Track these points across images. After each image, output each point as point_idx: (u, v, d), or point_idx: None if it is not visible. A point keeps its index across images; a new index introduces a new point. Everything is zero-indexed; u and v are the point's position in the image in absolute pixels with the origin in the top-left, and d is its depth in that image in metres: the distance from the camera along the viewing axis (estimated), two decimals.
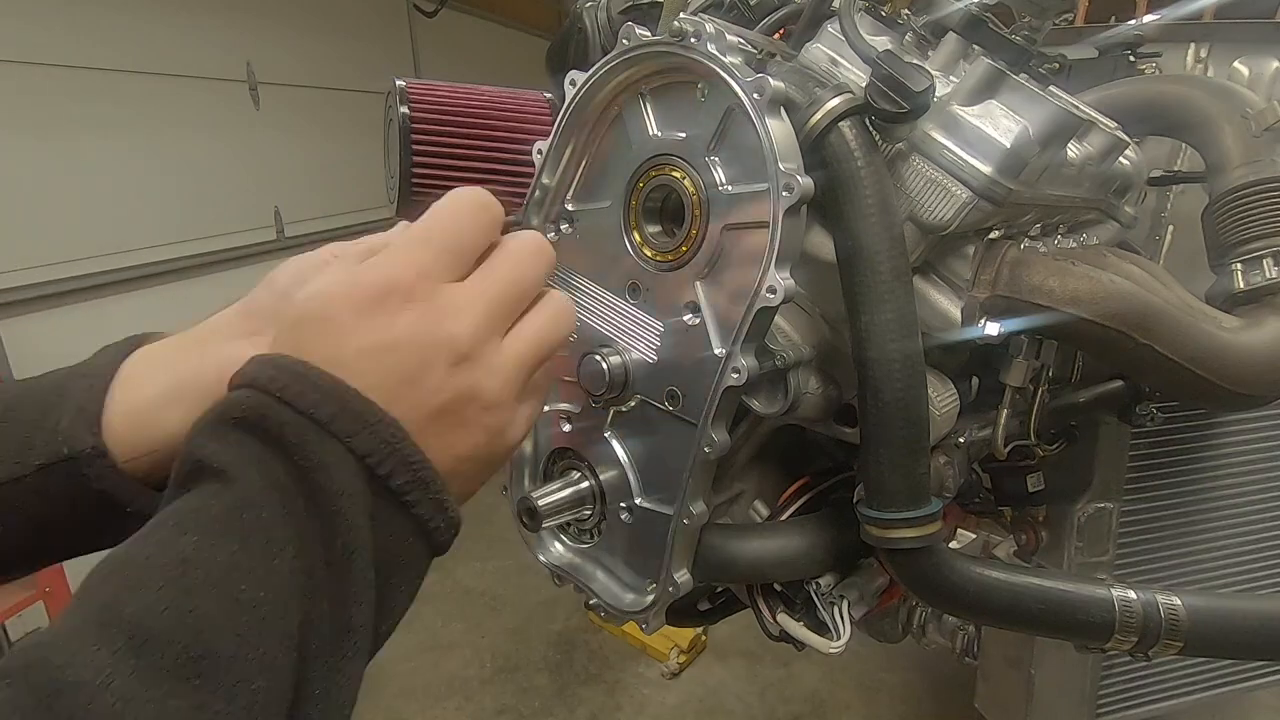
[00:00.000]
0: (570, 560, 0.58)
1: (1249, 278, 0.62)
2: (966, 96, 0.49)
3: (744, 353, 0.45)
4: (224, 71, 2.77)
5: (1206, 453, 1.01)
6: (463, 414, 0.34)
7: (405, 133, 0.60)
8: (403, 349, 0.33)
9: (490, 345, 0.35)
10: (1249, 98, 0.68)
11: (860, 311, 0.46)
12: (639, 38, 0.48)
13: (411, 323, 0.33)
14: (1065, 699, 1.10)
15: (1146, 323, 0.53)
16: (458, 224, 0.36)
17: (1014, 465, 0.75)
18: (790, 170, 0.42)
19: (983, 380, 0.61)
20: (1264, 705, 1.85)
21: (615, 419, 0.53)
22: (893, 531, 0.48)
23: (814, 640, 0.56)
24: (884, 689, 2.08)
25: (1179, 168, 0.92)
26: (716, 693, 2.10)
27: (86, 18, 2.24)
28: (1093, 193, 0.64)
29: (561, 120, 0.52)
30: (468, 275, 0.36)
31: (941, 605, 0.54)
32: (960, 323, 0.53)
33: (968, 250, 0.54)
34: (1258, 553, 1.07)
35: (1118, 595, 0.53)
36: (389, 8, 3.73)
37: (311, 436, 0.30)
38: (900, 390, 0.45)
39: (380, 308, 0.33)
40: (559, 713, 2.05)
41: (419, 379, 0.33)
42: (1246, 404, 0.57)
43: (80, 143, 2.26)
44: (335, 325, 0.33)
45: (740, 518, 0.63)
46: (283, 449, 0.30)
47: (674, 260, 0.49)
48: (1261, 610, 0.55)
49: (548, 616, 2.38)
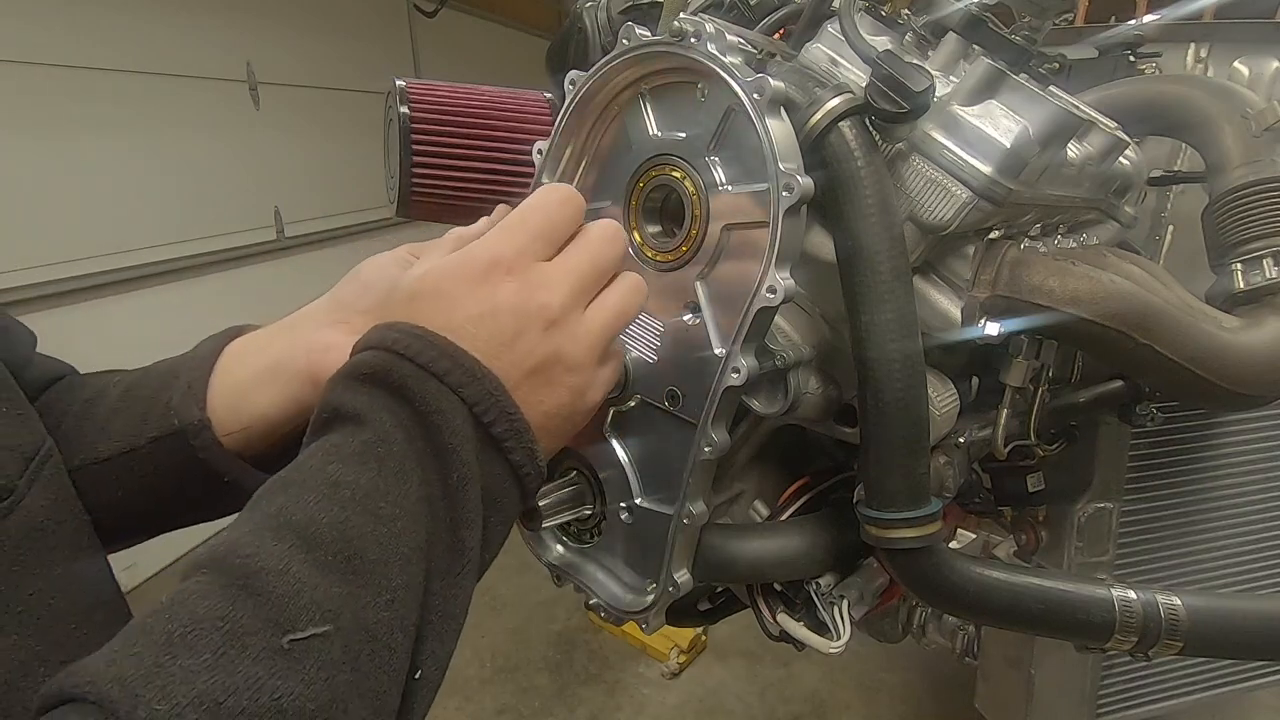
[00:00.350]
0: (570, 560, 0.58)
1: (1249, 278, 0.62)
2: (966, 96, 0.49)
3: (744, 353, 0.45)
4: (224, 71, 2.77)
5: (1206, 453, 1.01)
6: (551, 373, 0.39)
7: (405, 133, 0.60)
8: (503, 315, 0.38)
9: (575, 314, 0.40)
10: (1249, 98, 0.68)
11: (860, 311, 0.46)
12: (639, 38, 0.48)
13: (512, 293, 0.38)
14: (1065, 699, 1.10)
15: (1146, 323, 0.53)
16: (548, 212, 0.41)
17: (1014, 465, 0.75)
18: (790, 170, 0.42)
19: (983, 380, 0.61)
20: (1264, 705, 1.85)
21: (615, 419, 0.53)
22: (893, 531, 0.48)
23: (814, 640, 0.56)
24: (884, 689, 2.08)
25: (1179, 168, 0.92)
26: (716, 693, 2.10)
27: (86, 18, 2.24)
28: (1093, 193, 0.64)
29: (561, 120, 0.52)
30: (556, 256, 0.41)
31: (941, 605, 0.54)
32: (960, 323, 0.53)
33: (968, 250, 0.54)
34: (1258, 553, 1.07)
35: (1118, 595, 0.53)
36: (389, 8, 3.73)
37: (431, 387, 0.35)
38: (900, 390, 0.45)
39: (486, 280, 0.38)
40: (559, 713, 2.05)
41: (516, 342, 0.38)
42: (1246, 404, 0.57)
43: (80, 143, 2.26)
44: (448, 297, 0.38)
45: (740, 518, 0.63)
46: (406, 397, 0.35)
47: (674, 260, 0.49)
48: (1261, 610, 0.55)
49: (548, 616, 2.38)
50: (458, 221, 0.61)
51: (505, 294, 0.38)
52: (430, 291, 0.39)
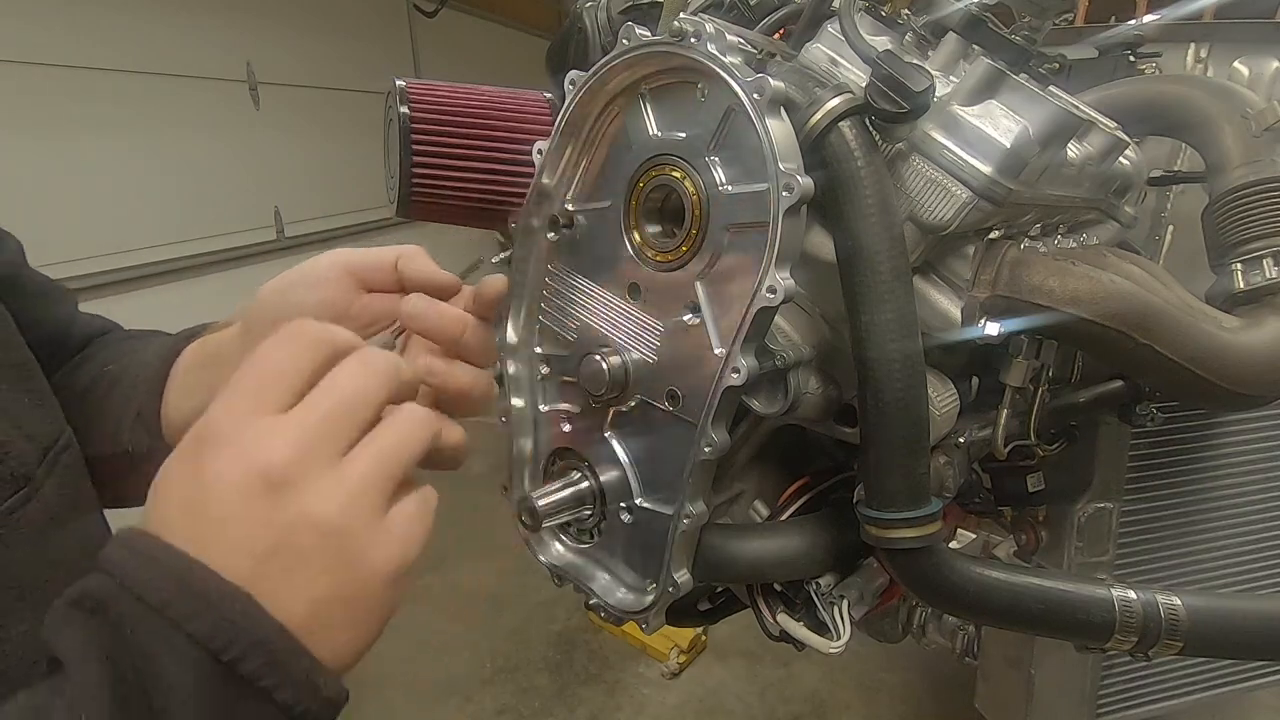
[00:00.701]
0: (570, 560, 0.58)
1: (1249, 278, 0.62)
2: (966, 96, 0.49)
3: (744, 353, 0.45)
4: (224, 71, 2.77)
5: (1206, 453, 1.01)
6: (298, 546, 0.31)
7: (405, 133, 0.60)
8: (213, 493, 0.30)
9: (317, 467, 0.32)
10: (1249, 98, 0.68)
11: (860, 311, 0.46)
12: (639, 38, 0.48)
13: (221, 466, 0.31)
14: (1065, 699, 1.10)
15: (1146, 323, 0.53)
16: (272, 357, 0.34)
17: (1014, 465, 0.75)
18: (790, 170, 0.42)
19: (983, 380, 0.61)
20: (1264, 705, 1.85)
21: (615, 419, 0.53)
22: (892, 531, 0.48)
23: (814, 640, 0.56)
24: (884, 689, 2.08)
25: (1179, 168, 0.92)
26: (716, 693, 2.10)
27: (86, 18, 2.24)
28: (1093, 193, 0.64)
29: (561, 120, 0.52)
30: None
31: (941, 605, 0.54)
32: (960, 323, 0.53)
33: (968, 250, 0.54)
34: (1258, 553, 1.07)
35: (1118, 595, 0.53)
36: (389, 8, 3.73)
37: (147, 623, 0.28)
38: (900, 390, 0.45)
39: (193, 459, 0.32)
40: (559, 713, 2.05)
41: (239, 519, 0.30)
42: (1246, 404, 0.57)
43: (80, 143, 2.26)
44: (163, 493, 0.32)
45: (740, 518, 0.63)
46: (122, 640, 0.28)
47: (674, 260, 0.49)
48: (1261, 610, 0.55)
49: (548, 616, 2.38)
50: (457, 222, 0.61)
51: (213, 469, 0.31)
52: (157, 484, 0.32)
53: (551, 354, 0.57)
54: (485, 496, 3.01)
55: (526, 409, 0.59)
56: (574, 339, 0.55)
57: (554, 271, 0.56)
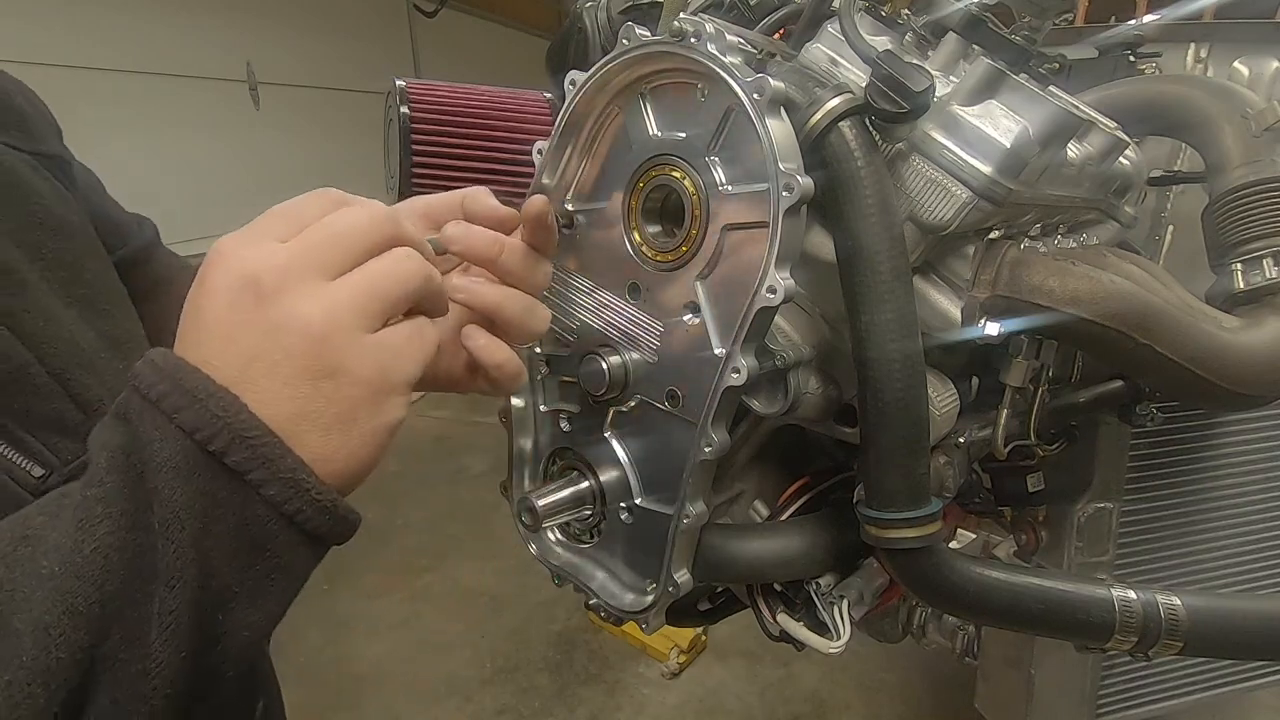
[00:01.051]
0: (570, 560, 0.58)
1: (1249, 278, 0.62)
2: (966, 96, 0.49)
3: (744, 353, 0.45)
4: (224, 71, 2.78)
5: (1206, 453, 1.01)
6: (281, 347, 0.32)
7: (405, 132, 0.60)
8: (208, 301, 0.33)
9: (306, 282, 0.33)
10: (1249, 98, 0.68)
11: (860, 311, 0.46)
12: (639, 38, 0.48)
13: (217, 278, 0.33)
14: (1065, 699, 1.10)
15: (1146, 323, 0.53)
16: (294, 202, 0.37)
17: (1014, 465, 0.75)
18: (790, 170, 0.42)
19: (983, 380, 0.61)
20: (1264, 705, 1.85)
21: (615, 419, 0.53)
22: (892, 531, 0.48)
23: (814, 640, 0.56)
24: (884, 689, 2.08)
25: (1179, 168, 0.92)
26: (716, 693, 2.10)
27: (86, 18, 2.24)
28: (1093, 193, 0.64)
29: (561, 120, 0.52)
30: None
31: (941, 605, 0.54)
32: (960, 323, 0.53)
33: (968, 250, 0.54)
34: (1258, 553, 1.07)
35: (1118, 595, 0.53)
36: (389, 8, 3.74)
37: (147, 415, 0.31)
38: (900, 390, 0.45)
39: (200, 277, 0.34)
40: (559, 713, 2.05)
41: (228, 323, 0.32)
42: (1246, 404, 0.57)
43: (80, 143, 2.26)
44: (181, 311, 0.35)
45: (740, 518, 0.63)
46: (129, 432, 0.31)
47: (674, 260, 0.49)
48: (1261, 610, 0.55)
49: (548, 616, 2.38)
50: None
51: (211, 281, 0.33)
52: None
53: (551, 354, 0.57)
54: (485, 496, 3.01)
55: (526, 409, 0.59)
56: (574, 339, 0.55)
57: (554, 271, 0.56)
